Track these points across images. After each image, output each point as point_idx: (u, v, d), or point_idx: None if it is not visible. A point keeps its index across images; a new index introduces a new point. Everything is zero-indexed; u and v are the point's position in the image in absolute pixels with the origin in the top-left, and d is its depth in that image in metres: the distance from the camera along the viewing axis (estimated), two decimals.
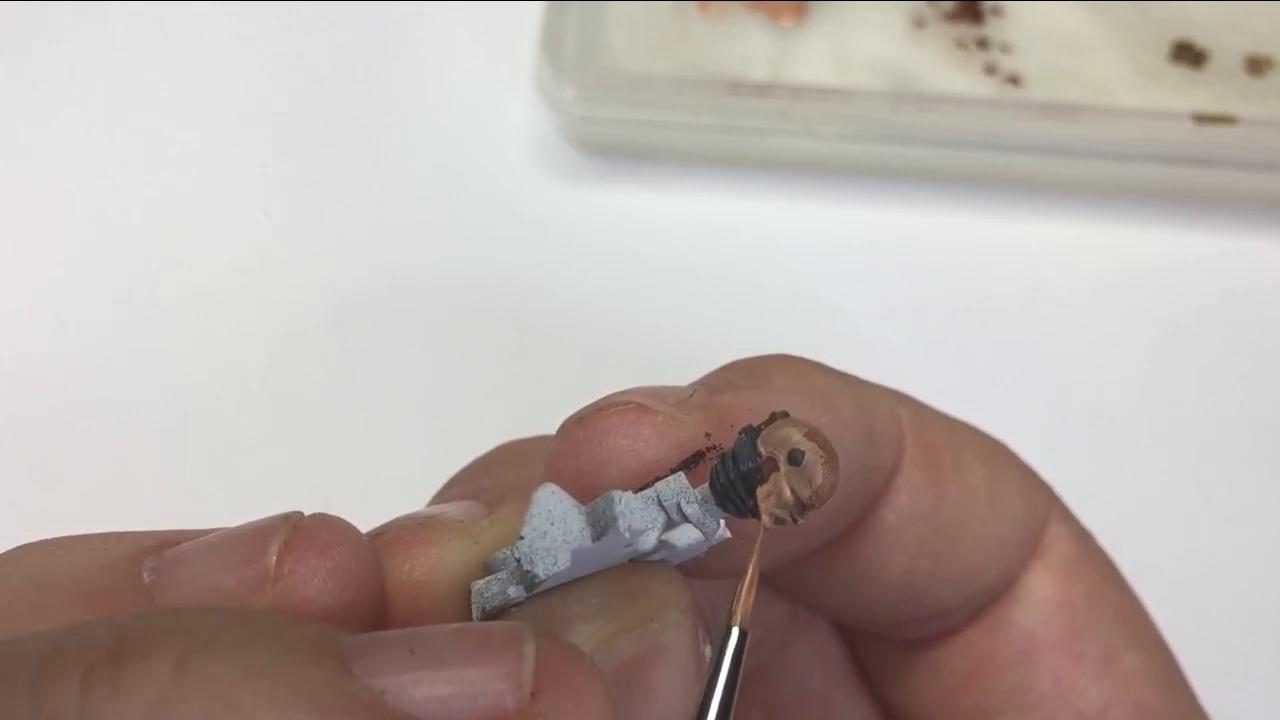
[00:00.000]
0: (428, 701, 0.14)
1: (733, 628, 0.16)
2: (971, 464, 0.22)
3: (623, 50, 0.45)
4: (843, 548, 0.22)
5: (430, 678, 0.14)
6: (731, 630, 0.16)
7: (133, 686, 0.13)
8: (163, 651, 0.14)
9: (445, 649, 0.15)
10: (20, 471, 0.40)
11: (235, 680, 0.13)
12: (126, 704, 0.13)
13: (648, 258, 0.44)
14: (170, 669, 0.13)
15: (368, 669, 0.14)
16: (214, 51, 0.48)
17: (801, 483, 0.16)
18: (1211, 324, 0.43)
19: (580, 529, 0.16)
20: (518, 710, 0.14)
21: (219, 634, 0.14)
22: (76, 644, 0.14)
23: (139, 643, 0.14)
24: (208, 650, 0.14)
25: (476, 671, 0.14)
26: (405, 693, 0.14)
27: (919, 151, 0.44)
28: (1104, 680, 0.23)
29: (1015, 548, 0.23)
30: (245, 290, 0.43)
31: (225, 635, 0.14)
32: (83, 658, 0.14)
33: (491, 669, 0.15)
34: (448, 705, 0.14)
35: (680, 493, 0.17)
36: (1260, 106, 0.44)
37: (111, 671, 0.13)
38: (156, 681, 0.13)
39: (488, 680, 0.14)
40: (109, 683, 0.13)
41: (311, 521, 0.17)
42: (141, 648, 0.14)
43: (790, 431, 0.16)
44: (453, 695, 0.14)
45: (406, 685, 0.14)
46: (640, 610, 0.17)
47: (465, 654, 0.15)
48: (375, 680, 0.14)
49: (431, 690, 0.14)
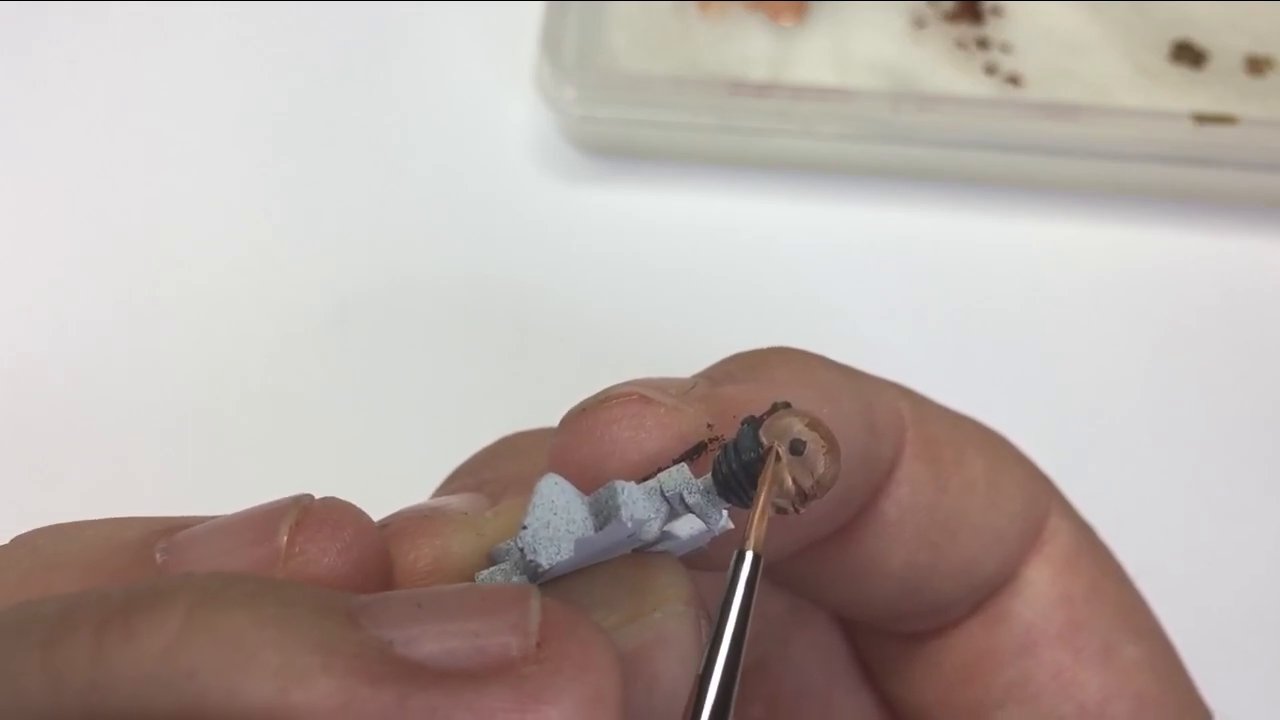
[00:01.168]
0: (435, 651, 0.14)
1: (745, 551, 0.16)
2: (972, 457, 0.22)
3: (623, 50, 0.45)
4: (843, 540, 0.22)
5: (437, 630, 0.14)
6: (745, 554, 0.16)
7: (145, 634, 0.14)
8: (172, 603, 0.14)
9: (451, 603, 0.15)
10: (20, 471, 0.40)
11: (245, 626, 0.14)
12: (139, 650, 0.13)
13: (648, 258, 0.44)
14: (180, 618, 0.14)
15: (376, 622, 0.14)
16: (214, 51, 0.48)
17: (803, 473, 0.16)
18: (1211, 324, 0.43)
19: (583, 519, 0.16)
20: (523, 658, 0.14)
21: (228, 587, 0.14)
22: (89, 602, 0.14)
23: (150, 597, 0.14)
24: (217, 601, 0.14)
25: (483, 623, 0.15)
26: (413, 643, 0.14)
27: (919, 151, 0.44)
28: (1104, 673, 0.23)
29: (1015, 541, 0.23)
30: (245, 290, 0.43)
31: (235, 588, 0.14)
32: (96, 612, 0.14)
33: (498, 620, 0.15)
34: (454, 654, 0.14)
35: (683, 483, 0.17)
36: (1260, 106, 0.44)
37: (124, 621, 0.14)
38: (168, 629, 0.14)
39: (494, 631, 0.14)
40: (121, 631, 0.14)
41: (321, 504, 0.17)
42: (152, 601, 0.14)
43: (792, 422, 0.16)
44: (459, 645, 0.14)
45: (414, 636, 0.14)
46: (644, 601, 0.17)
47: (471, 608, 0.15)
48: (383, 631, 0.14)
49: (439, 641, 0.14)
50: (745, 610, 0.16)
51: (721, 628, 0.16)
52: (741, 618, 0.16)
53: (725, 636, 0.16)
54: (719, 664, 0.15)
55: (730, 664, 0.16)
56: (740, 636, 0.16)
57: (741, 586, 0.16)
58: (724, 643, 0.16)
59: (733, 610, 0.16)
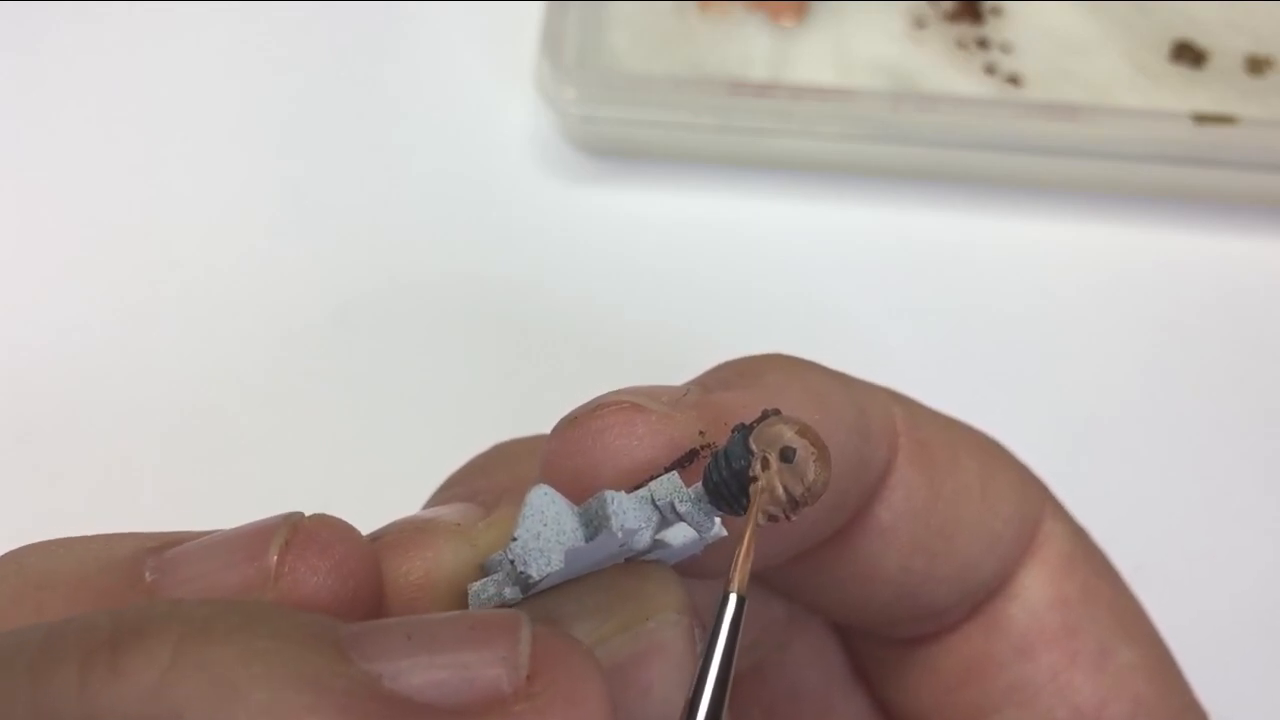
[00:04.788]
0: (424, 685, 0.14)
1: (730, 594, 0.16)
2: (965, 461, 0.22)
3: (623, 50, 0.45)
4: (839, 546, 0.22)
5: (427, 662, 0.14)
6: (729, 596, 0.16)
7: (131, 670, 0.13)
8: (161, 636, 0.14)
9: (442, 634, 0.15)
10: (20, 471, 0.40)
11: (232, 662, 0.13)
12: (125, 688, 0.13)
13: (648, 258, 0.44)
14: (168, 653, 0.14)
15: (365, 654, 0.14)
16: (214, 51, 0.48)
17: (794, 479, 0.16)
18: (1211, 324, 0.43)
19: (574, 529, 0.16)
20: (514, 692, 0.14)
21: (216, 620, 0.14)
22: (75, 631, 0.14)
23: (137, 629, 0.14)
24: (205, 635, 0.14)
25: (473, 655, 0.15)
26: (402, 677, 0.14)
27: (919, 151, 0.44)
28: (1100, 676, 0.23)
29: (1009, 544, 0.23)
30: (245, 289, 0.43)
31: (223, 621, 0.14)
32: (81, 645, 0.14)
33: (488, 653, 0.15)
34: (443, 688, 0.14)
35: (674, 491, 0.17)
36: (1260, 106, 0.44)
37: (110, 656, 0.14)
38: (155, 665, 0.13)
39: (484, 664, 0.14)
40: (107, 667, 0.13)
41: (312, 522, 0.17)
42: (139, 633, 0.14)
43: (782, 429, 0.16)
44: (449, 678, 0.14)
45: (403, 670, 0.14)
46: (636, 610, 0.17)
47: (461, 639, 0.15)
48: (373, 665, 0.14)
49: (428, 674, 0.14)
50: (730, 652, 0.16)
51: (706, 669, 0.16)
52: (726, 658, 0.16)
53: (710, 677, 0.16)
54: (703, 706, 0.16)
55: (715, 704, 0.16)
56: (725, 677, 0.16)
57: (725, 628, 0.16)
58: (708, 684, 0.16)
59: (717, 652, 0.16)
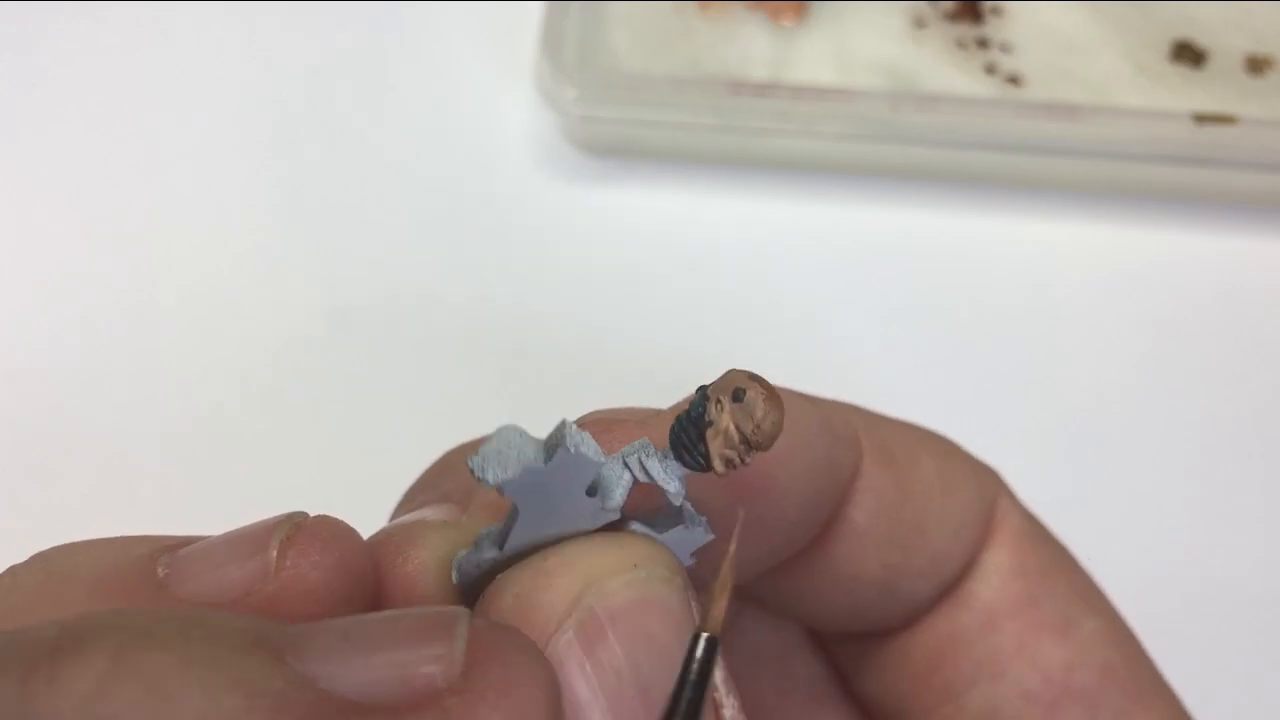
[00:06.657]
0: (360, 684, 0.15)
1: (700, 635, 0.16)
2: (923, 458, 0.23)
3: (623, 50, 0.45)
4: (819, 551, 0.23)
5: (363, 662, 0.15)
6: (700, 637, 0.16)
7: (68, 679, 0.14)
8: (99, 645, 0.14)
9: (378, 634, 0.15)
10: (20, 471, 0.40)
11: (168, 669, 0.14)
12: (61, 697, 0.14)
13: (648, 257, 0.44)
14: (106, 661, 0.14)
15: (302, 656, 0.15)
16: (214, 51, 0.48)
17: (744, 418, 0.16)
18: (1211, 324, 0.43)
19: (535, 453, 0.17)
20: (449, 689, 0.15)
21: (156, 628, 0.14)
22: (21, 643, 0.14)
23: (77, 639, 0.14)
24: (143, 642, 0.14)
25: (409, 653, 0.15)
26: (339, 677, 0.14)
27: (919, 151, 0.44)
28: (1066, 643, 0.23)
29: (972, 530, 0.24)
30: (245, 289, 0.43)
31: (161, 629, 0.14)
32: (25, 654, 0.14)
33: (424, 649, 0.15)
34: (379, 687, 0.15)
35: (641, 448, 0.17)
36: (1260, 106, 0.44)
37: (49, 667, 0.14)
38: (92, 673, 0.14)
39: (420, 661, 0.15)
40: (46, 677, 0.14)
41: (313, 521, 0.18)
42: (78, 642, 0.14)
43: (735, 376, 0.17)
44: (385, 677, 0.15)
45: (340, 670, 0.15)
46: (622, 556, 0.17)
47: (398, 637, 0.15)
48: (309, 666, 0.14)
49: (364, 674, 0.15)
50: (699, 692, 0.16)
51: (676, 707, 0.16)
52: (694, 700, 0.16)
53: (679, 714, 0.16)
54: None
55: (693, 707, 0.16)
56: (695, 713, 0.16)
57: (695, 668, 0.16)
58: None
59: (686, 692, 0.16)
